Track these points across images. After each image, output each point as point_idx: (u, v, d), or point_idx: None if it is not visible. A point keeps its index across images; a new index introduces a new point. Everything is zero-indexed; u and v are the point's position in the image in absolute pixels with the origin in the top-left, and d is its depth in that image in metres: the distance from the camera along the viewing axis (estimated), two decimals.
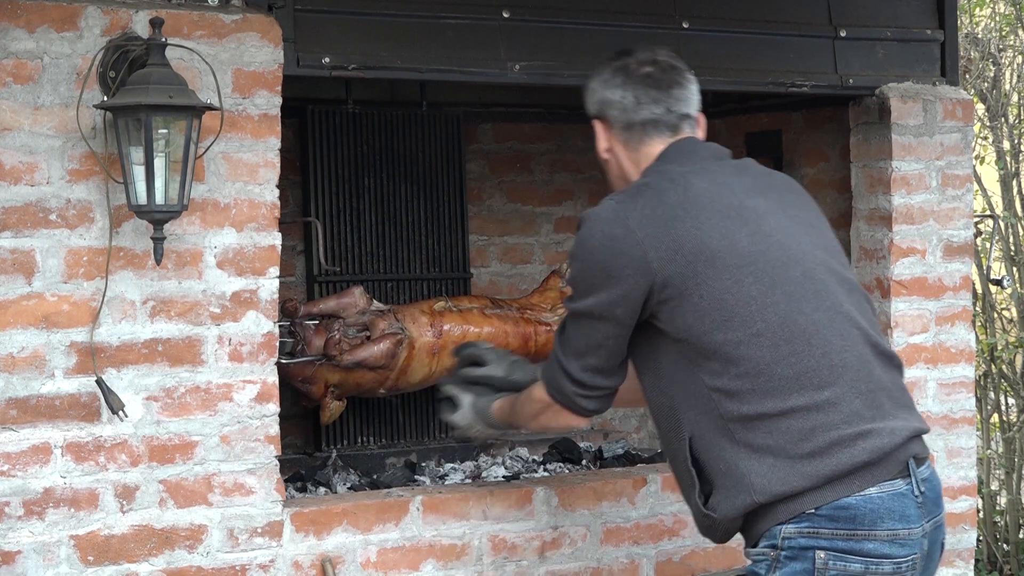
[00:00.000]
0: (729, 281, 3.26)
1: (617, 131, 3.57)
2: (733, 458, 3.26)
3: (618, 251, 3.31)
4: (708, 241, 3.28)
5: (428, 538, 4.14)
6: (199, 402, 3.83)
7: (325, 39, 4.03)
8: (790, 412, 3.22)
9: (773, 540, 3.24)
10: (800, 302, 3.29)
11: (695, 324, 3.27)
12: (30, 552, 3.65)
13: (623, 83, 3.54)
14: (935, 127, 4.97)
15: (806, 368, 3.24)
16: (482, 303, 4.96)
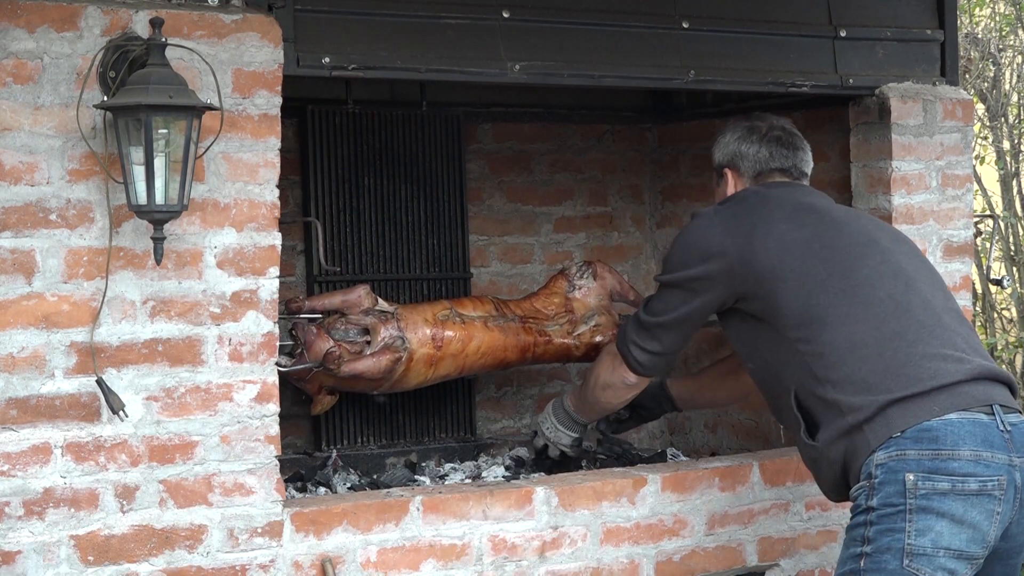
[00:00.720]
0: (804, 259, 3.97)
1: (746, 180, 4.33)
2: (824, 393, 3.81)
3: (711, 241, 4.09)
4: (786, 235, 4.02)
5: (428, 538, 4.14)
6: (199, 402, 3.83)
7: (325, 39, 4.04)
8: (861, 344, 3.80)
9: (868, 470, 3.68)
10: (863, 260, 3.97)
11: (784, 305, 3.95)
12: (30, 552, 3.65)
13: (758, 140, 4.32)
14: (935, 127, 4.97)
15: (874, 306, 3.87)
16: (486, 309, 4.93)
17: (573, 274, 5.13)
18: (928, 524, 3.58)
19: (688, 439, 5.86)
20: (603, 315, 5.12)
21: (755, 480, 4.66)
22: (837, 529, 4.80)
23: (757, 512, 4.66)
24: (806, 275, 3.94)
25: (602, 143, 5.87)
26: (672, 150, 5.90)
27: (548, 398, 5.73)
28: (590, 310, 5.11)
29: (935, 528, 3.57)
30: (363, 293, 4.70)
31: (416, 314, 4.77)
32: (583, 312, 5.10)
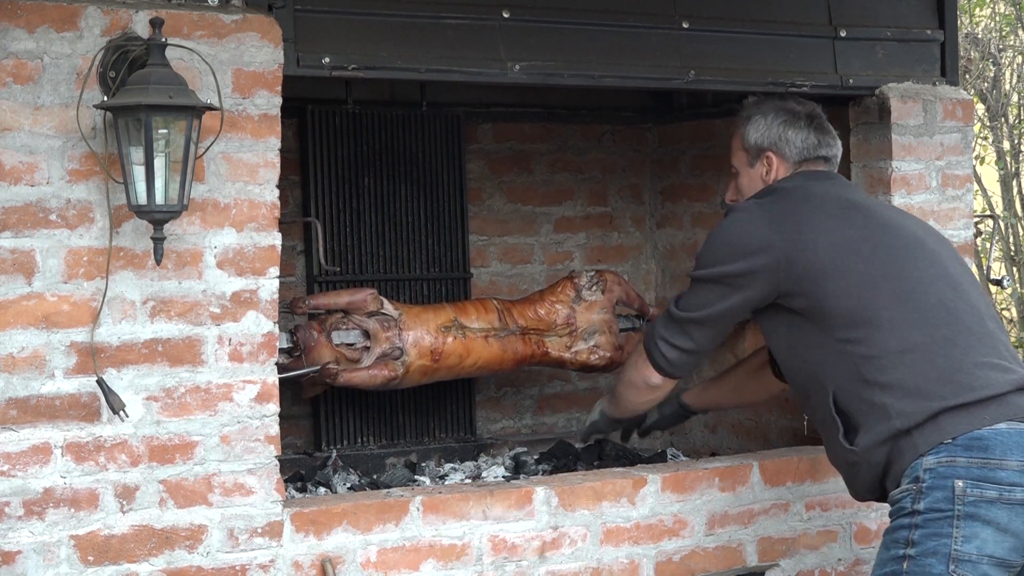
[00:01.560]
0: (855, 259, 3.91)
1: (790, 165, 4.24)
2: (871, 396, 3.77)
3: (755, 236, 4.00)
4: (835, 232, 3.96)
5: (428, 538, 4.15)
6: (199, 402, 3.84)
7: (325, 39, 4.04)
8: (913, 348, 3.76)
9: (915, 473, 3.67)
10: (913, 263, 3.91)
11: (833, 304, 3.87)
12: (30, 552, 3.65)
13: (806, 126, 4.24)
14: (935, 127, 4.97)
15: (925, 311, 3.82)
16: (489, 320, 4.92)
17: (582, 284, 5.13)
18: (974, 531, 3.57)
19: (688, 439, 5.87)
20: (604, 334, 5.13)
21: (755, 480, 4.66)
22: (837, 529, 4.80)
23: (757, 512, 4.66)
24: (858, 275, 3.88)
25: (602, 143, 5.87)
26: (672, 150, 5.91)
27: (549, 398, 5.75)
28: (592, 325, 5.13)
29: (981, 535, 3.57)
30: (369, 297, 4.70)
31: (419, 323, 4.77)
32: (585, 327, 5.12)
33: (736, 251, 4.02)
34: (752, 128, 4.26)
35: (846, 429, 3.84)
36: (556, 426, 5.78)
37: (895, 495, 3.73)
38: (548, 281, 5.69)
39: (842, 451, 3.85)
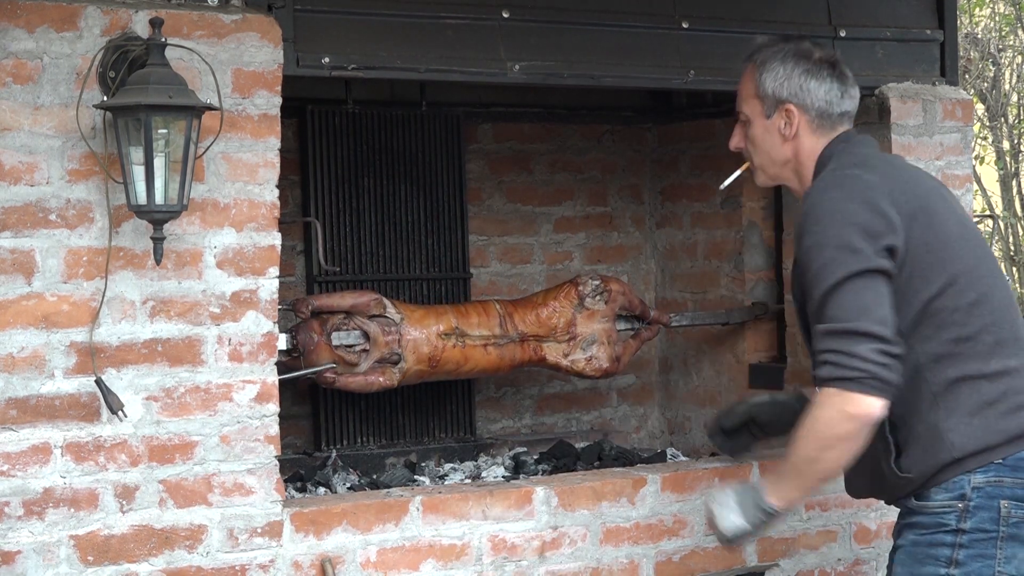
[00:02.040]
0: (951, 250, 3.51)
1: (812, 117, 3.76)
2: (934, 420, 3.46)
3: (873, 207, 3.44)
4: (934, 214, 3.52)
5: (428, 538, 4.14)
6: (199, 402, 3.83)
7: (325, 39, 4.04)
8: (990, 376, 3.47)
9: (961, 491, 3.47)
10: (995, 278, 3.60)
11: (921, 288, 3.45)
12: (30, 552, 3.65)
13: (829, 76, 3.79)
14: (935, 127, 4.97)
15: (1002, 337, 3.51)
16: (491, 327, 4.93)
17: (586, 292, 5.13)
18: (1014, 552, 3.49)
19: (687, 439, 5.87)
20: (602, 344, 5.15)
21: (755, 480, 4.66)
22: (837, 529, 4.80)
23: None
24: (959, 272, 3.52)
25: (602, 143, 5.87)
26: (672, 150, 5.91)
27: (548, 398, 5.75)
28: (592, 334, 5.14)
29: (1019, 556, 3.50)
30: (373, 302, 4.70)
31: (420, 329, 4.78)
32: (585, 335, 5.13)
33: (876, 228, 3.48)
34: (769, 76, 3.78)
35: (897, 452, 3.53)
36: (556, 426, 5.78)
37: (933, 506, 3.51)
38: (548, 281, 5.69)
39: (891, 475, 3.53)
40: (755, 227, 5.63)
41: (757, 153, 3.84)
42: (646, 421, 6.01)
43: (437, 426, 5.36)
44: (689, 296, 5.85)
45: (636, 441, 5.91)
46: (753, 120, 3.82)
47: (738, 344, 5.68)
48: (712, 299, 5.74)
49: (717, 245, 5.74)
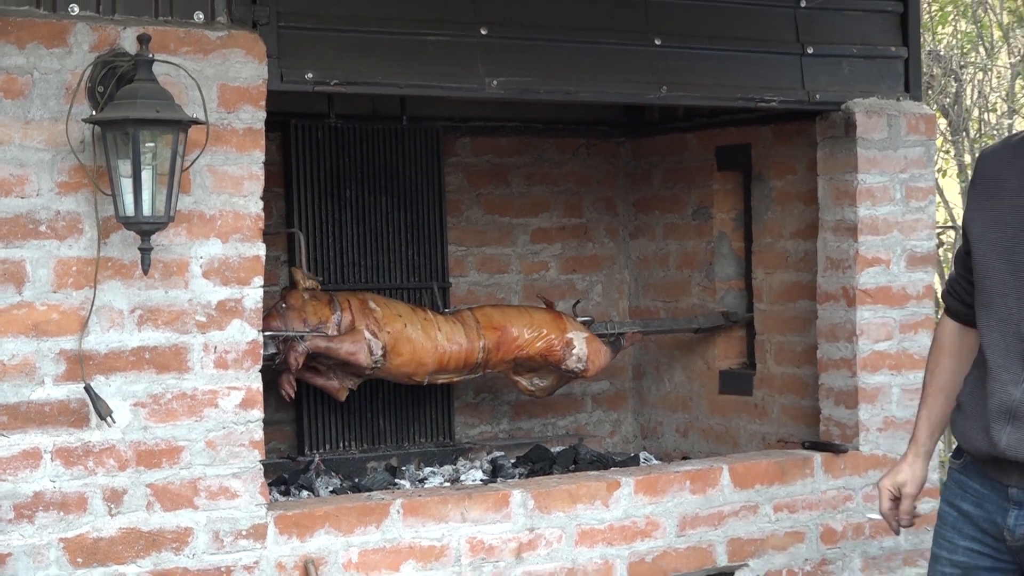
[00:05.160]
0: None
1: None
2: None
3: None
4: None
5: (408, 540, 4.14)
6: (185, 408, 3.83)
7: (308, 55, 4.04)
8: None
9: None
10: None
11: None
12: (20, 555, 3.64)
13: None
14: (899, 141, 4.99)
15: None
16: (466, 370, 5.06)
17: (570, 366, 5.20)
18: None
19: (660, 443, 5.87)
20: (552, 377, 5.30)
21: (725, 483, 4.67)
22: (805, 531, 4.81)
23: (727, 514, 4.67)
24: None
25: (577, 156, 5.88)
26: (645, 163, 5.92)
27: (525, 404, 5.75)
28: (553, 378, 5.30)
29: None
30: (364, 357, 4.73)
31: (393, 372, 4.88)
32: (548, 379, 5.29)
33: None
34: None
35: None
36: (532, 431, 5.79)
37: None
38: (524, 291, 5.70)
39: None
40: (725, 238, 5.64)
41: None
42: (620, 426, 6.02)
43: (417, 431, 5.36)
44: (661, 305, 5.86)
45: (610, 445, 5.92)
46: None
47: (709, 351, 5.70)
48: (684, 307, 5.75)
49: (688, 255, 5.75)
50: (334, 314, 4.71)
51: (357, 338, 4.70)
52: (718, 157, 5.60)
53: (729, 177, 5.62)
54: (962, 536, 3.52)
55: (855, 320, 4.92)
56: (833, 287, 4.99)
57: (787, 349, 5.33)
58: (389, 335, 4.77)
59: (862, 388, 4.91)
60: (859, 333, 4.91)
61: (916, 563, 5.00)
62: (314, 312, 4.67)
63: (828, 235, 5.01)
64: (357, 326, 4.71)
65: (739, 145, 5.50)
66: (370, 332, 4.73)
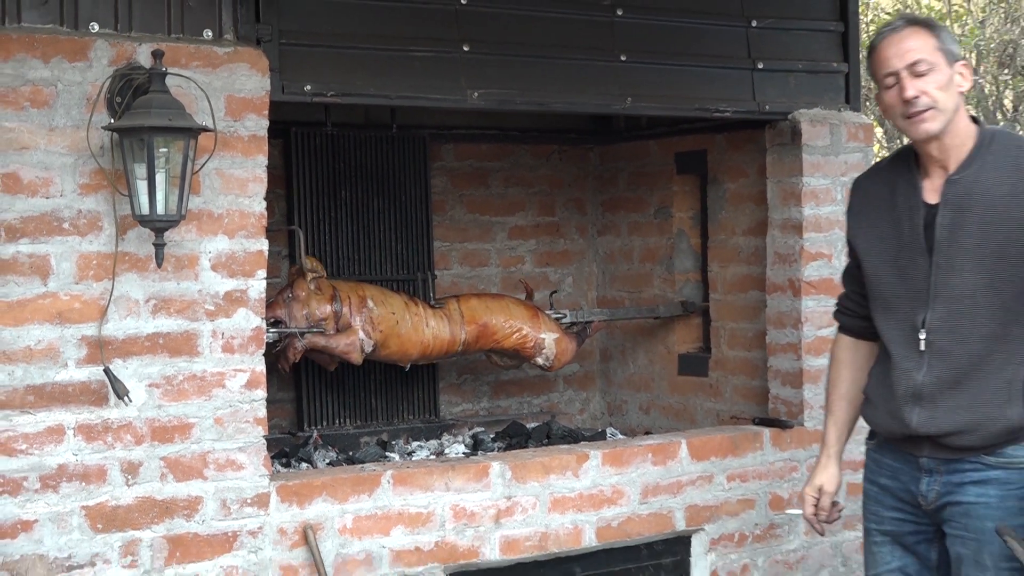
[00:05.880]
0: None
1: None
2: None
3: None
4: None
5: (397, 507, 4.14)
6: (195, 388, 3.82)
7: (307, 69, 4.02)
8: None
9: None
10: None
11: None
12: (46, 521, 3.63)
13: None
14: (840, 147, 5.00)
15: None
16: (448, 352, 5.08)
17: (538, 362, 5.27)
18: None
19: (625, 420, 5.88)
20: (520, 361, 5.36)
21: (683, 455, 4.67)
22: (755, 498, 4.82)
23: (685, 483, 4.68)
24: None
25: (550, 161, 5.87)
26: (611, 168, 5.92)
27: (504, 384, 5.75)
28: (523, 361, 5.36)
29: None
30: (356, 354, 4.75)
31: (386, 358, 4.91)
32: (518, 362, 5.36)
33: None
34: (945, 34, 3.50)
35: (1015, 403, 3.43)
36: (510, 409, 5.78)
37: (1021, 462, 3.42)
38: (502, 283, 5.70)
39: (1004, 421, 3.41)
40: (684, 235, 5.65)
41: (946, 97, 3.45)
42: (589, 404, 6.02)
43: (405, 409, 5.36)
44: (626, 295, 5.86)
45: (580, 422, 5.92)
46: (938, 68, 3.44)
47: (668, 337, 5.70)
48: (646, 297, 5.75)
49: (651, 250, 5.75)
50: (334, 306, 4.71)
51: (351, 338, 4.70)
52: (677, 162, 5.60)
53: (687, 180, 5.62)
54: (885, 508, 3.63)
55: (800, 309, 4.92)
56: (781, 279, 5.00)
57: (739, 335, 5.34)
58: (381, 333, 4.77)
59: (806, 370, 4.92)
60: (804, 320, 4.92)
61: (855, 527, 5.01)
62: (317, 305, 4.66)
63: (776, 232, 5.02)
64: (353, 325, 4.72)
65: (696, 151, 5.50)
66: (364, 332, 4.73)
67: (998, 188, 3.39)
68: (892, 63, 3.46)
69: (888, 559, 3.67)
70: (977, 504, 3.42)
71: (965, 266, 3.39)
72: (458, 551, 4.23)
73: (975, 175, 3.42)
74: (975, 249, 3.39)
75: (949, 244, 3.41)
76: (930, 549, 3.59)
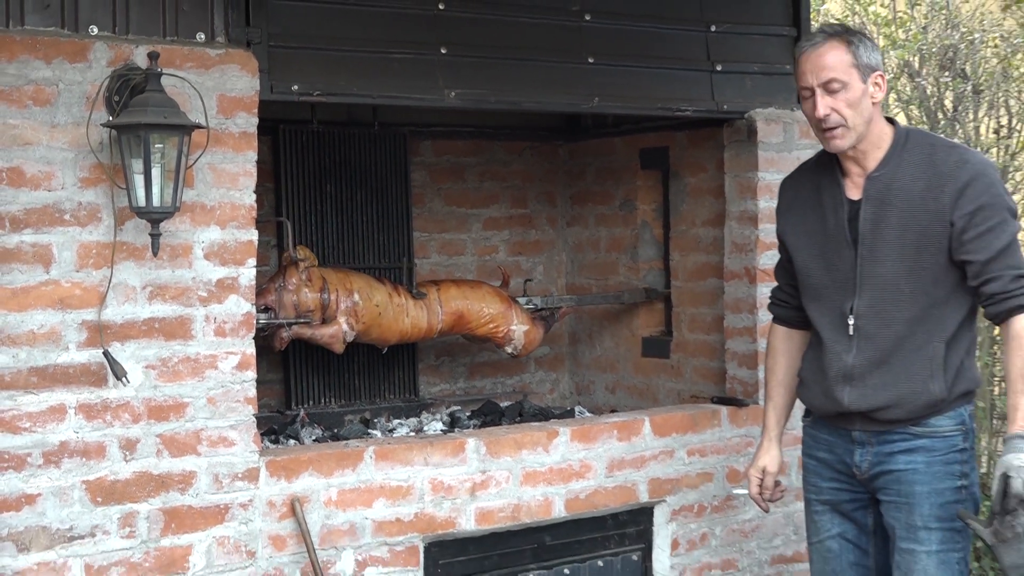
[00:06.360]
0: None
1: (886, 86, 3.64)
2: (966, 357, 3.61)
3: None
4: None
5: (379, 481, 4.14)
6: (189, 370, 3.80)
7: (294, 70, 4.01)
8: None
9: (960, 418, 3.56)
10: None
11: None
12: (48, 494, 3.61)
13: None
14: (792, 144, 5.01)
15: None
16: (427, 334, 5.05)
17: (507, 350, 5.27)
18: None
19: (592, 399, 5.89)
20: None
21: (646, 432, 4.68)
22: (713, 472, 4.84)
23: (648, 458, 4.69)
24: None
25: (522, 157, 5.87)
26: (579, 163, 5.91)
27: (479, 365, 5.74)
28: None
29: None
30: (338, 345, 4.75)
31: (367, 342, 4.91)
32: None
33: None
34: (862, 50, 3.54)
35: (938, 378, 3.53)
36: (484, 389, 5.78)
37: (942, 431, 3.54)
38: (477, 271, 5.69)
39: (928, 395, 3.54)
40: (647, 226, 5.65)
41: (855, 115, 3.54)
42: (558, 384, 6.02)
43: (387, 389, 5.35)
44: (593, 282, 5.87)
45: (550, 401, 5.93)
46: (851, 85, 3.53)
47: (633, 321, 5.71)
48: (612, 284, 5.76)
49: (616, 240, 5.75)
50: (323, 297, 4.70)
51: (335, 329, 4.71)
52: (641, 158, 5.60)
53: (650, 175, 5.63)
54: (823, 479, 3.74)
55: (756, 295, 4.94)
56: (737, 267, 5.01)
57: (699, 319, 5.35)
58: (364, 324, 4.78)
59: (761, 352, 4.93)
60: (759, 306, 4.93)
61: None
62: (306, 295, 4.65)
63: (733, 223, 5.03)
64: (338, 317, 4.71)
65: (659, 148, 5.50)
66: (347, 324, 4.73)
67: (915, 184, 3.51)
68: (808, 78, 3.58)
69: (828, 527, 3.77)
70: (906, 471, 3.56)
71: (887, 256, 3.52)
72: (436, 522, 4.23)
73: (893, 172, 3.54)
74: (896, 240, 3.51)
75: (872, 236, 3.54)
76: (866, 515, 3.71)
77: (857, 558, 3.76)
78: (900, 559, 3.59)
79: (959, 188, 3.45)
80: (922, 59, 7.31)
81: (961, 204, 3.45)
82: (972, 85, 7.13)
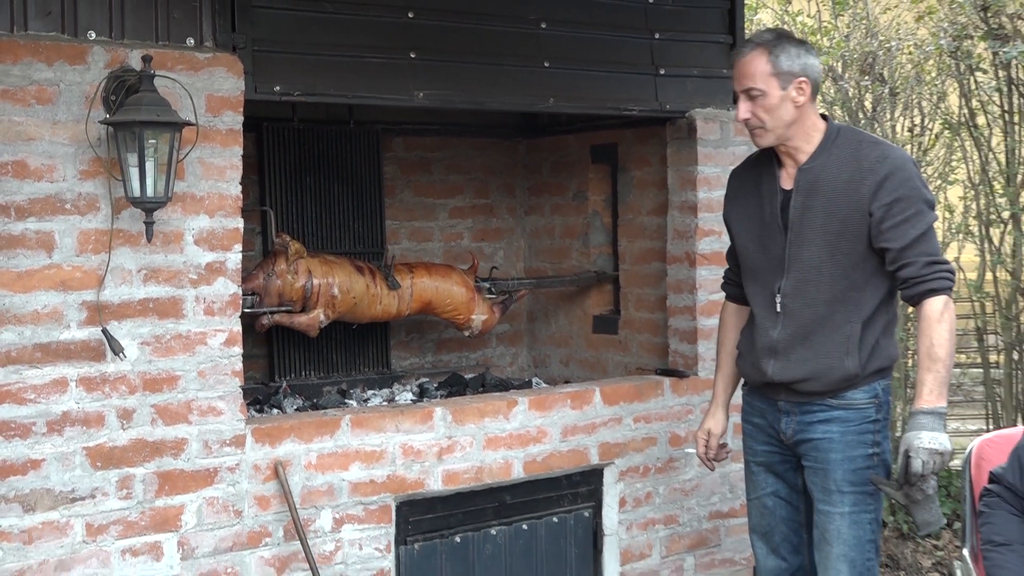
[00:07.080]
0: None
1: (812, 89, 3.57)
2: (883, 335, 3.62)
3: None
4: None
5: (355, 446, 4.12)
6: (181, 346, 3.78)
7: (276, 73, 3.98)
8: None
9: (874, 392, 3.57)
10: None
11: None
12: (51, 460, 3.58)
13: (815, 55, 3.59)
14: (728, 141, 5.02)
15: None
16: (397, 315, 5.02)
17: (464, 332, 5.26)
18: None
19: (548, 371, 5.89)
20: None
21: (597, 401, 4.69)
22: (657, 437, 4.85)
23: (598, 425, 4.70)
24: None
25: (485, 152, 5.85)
26: (536, 158, 5.91)
27: (445, 341, 5.73)
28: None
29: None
30: (314, 334, 4.78)
31: (350, 316, 4.87)
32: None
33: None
34: (783, 56, 3.54)
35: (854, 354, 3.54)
36: (451, 362, 5.78)
37: (859, 404, 3.56)
38: (444, 255, 5.68)
39: (843, 370, 3.54)
40: (598, 215, 5.65)
41: (771, 119, 3.57)
42: (517, 358, 6.02)
43: (362, 362, 5.33)
44: (549, 265, 5.87)
45: (510, 373, 5.93)
46: (768, 93, 3.55)
47: (585, 301, 5.71)
48: (566, 267, 5.76)
49: (570, 228, 5.75)
50: (306, 288, 4.68)
51: (311, 318, 4.71)
52: (592, 153, 5.60)
53: (600, 169, 5.62)
54: (758, 442, 3.78)
55: (695, 277, 4.95)
56: (679, 252, 5.02)
57: (644, 299, 5.36)
58: (339, 312, 4.78)
59: (700, 328, 4.95)
60: (698, 287, 4.94)
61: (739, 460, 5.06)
62: (290, 283, 4.64)
63: (675, 213, 5.04)
64: (317, 308, 4.70)
65: (608, 144, 5.50)
66: (324, 315, 4.73)
67: (840, 175, 3.54)
68: (735, 84, 3.66)
69: (764, 485, 3.80)
70: (823, 439, 3.60)
71: (813, 241, 3.55)
72: (407, 483, 4.23)
73: (822, 165, 3.56)
74: (821, 227, 3.54)
75: (800, 223, 3.57)
76: (796, 476, 3.75)
77: (789, 514, 3.80)
78: (818, 519, 3.64)
79: (878, 181, 3.48)
80: (844, 64, 7.35)
81: (880, 196, 3.48)
82: (889, 88, 7.17)
